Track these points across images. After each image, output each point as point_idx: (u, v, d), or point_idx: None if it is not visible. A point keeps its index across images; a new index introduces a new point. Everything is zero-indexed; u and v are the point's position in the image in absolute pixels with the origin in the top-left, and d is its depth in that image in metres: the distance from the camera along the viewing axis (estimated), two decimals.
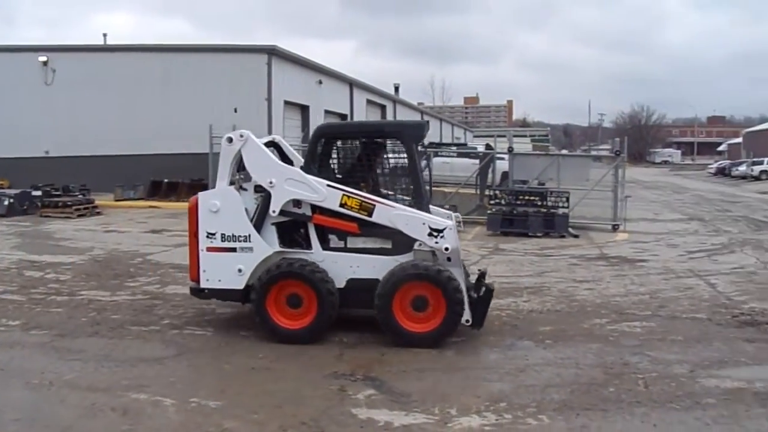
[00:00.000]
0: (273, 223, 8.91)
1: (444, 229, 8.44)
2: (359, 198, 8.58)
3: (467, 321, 8.65)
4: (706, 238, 20.17)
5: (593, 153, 40.92)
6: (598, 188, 22.51)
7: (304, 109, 35.86)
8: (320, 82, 37.44)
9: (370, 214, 8.54)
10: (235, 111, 30.42)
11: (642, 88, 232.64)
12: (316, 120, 36.53)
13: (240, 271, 8.82)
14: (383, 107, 52.43)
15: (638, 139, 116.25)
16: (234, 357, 8.18)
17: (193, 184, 29.03)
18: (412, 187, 9.01)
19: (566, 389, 7.17)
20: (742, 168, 68.21)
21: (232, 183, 9.08)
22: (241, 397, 6.89)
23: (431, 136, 59.68)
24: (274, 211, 8.77)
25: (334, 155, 9.47)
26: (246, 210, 8.95)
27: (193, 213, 9.04)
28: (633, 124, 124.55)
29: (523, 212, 20.49)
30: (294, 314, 8.68)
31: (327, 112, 38.54)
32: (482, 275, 9.70)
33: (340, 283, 8.73)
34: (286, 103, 33.12)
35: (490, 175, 25.02)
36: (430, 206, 9.21)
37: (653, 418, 6.45)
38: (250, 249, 8.81)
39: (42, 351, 8.45)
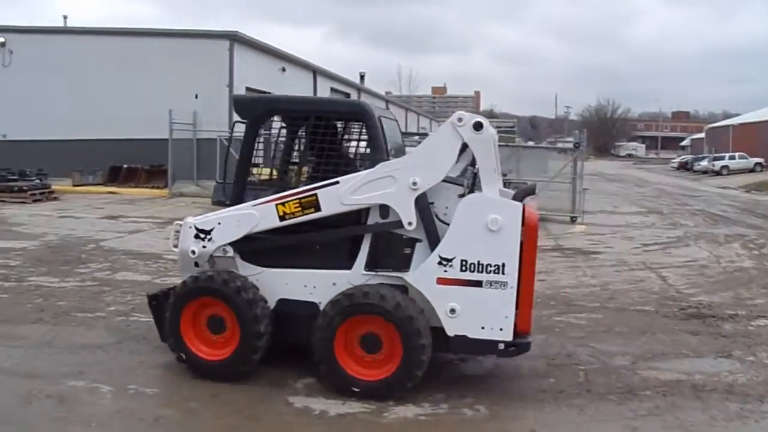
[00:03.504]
0: None
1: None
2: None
3: None
4: (662, 231, 20.39)
5: (559, 145, 41.16)
6: (558, 180, 22.63)
7: None
8: (283, 70, 37.17)
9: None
10: (196, 97, 30.12)
11: (609, 81, 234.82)
12: None
13: None
14: (348, 95, 52.21)
15: (604, 132, 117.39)
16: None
17: (153, 170, 28.84)
18: None
19: (506, 380, 7.23)
20: (704, 163, 69.09)
21: None
22: (178, 386, 6.84)
23: None
24: None
25: None
26: None
27: None
28: (599, 117, 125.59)
29: None
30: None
31: None
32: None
33: None
34: (248, 89, 32.83)
35: None
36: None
37: (590, 409, 6.52)
38: None
39: None
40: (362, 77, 63.03)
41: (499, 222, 6.36)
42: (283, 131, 7.88)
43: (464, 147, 6.79)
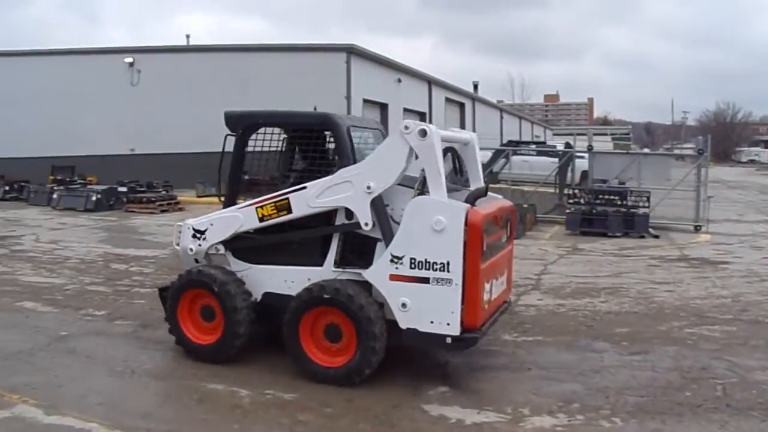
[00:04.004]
0: None
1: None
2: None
3: None
4: None
5: (676, 152, 40.06)
6: (680, 188, 21.99)
7: (383, 108, 36.00)
8: (399, 80, 37.46)
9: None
10: (315, 109, 30.59)
11: (728, 84, 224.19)
12: (395, 118, 36.65)
13: None
14: (462, 105, 52.24)
15: (723, 137, 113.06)
16: None
17: (274, 182, 29.44)
18: None
19: (641, 392, 7.09)
20: None
21: None
22: (315, 392, 7.00)
23: (511, 134, 59.29)
24: None
25: None
26: None
27: None
28: (718, 122, 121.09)
29: (602, 212, 20.22)
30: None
31: (406, 110, 38.55)
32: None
33: None
34: (365, 101, 33.30)
35: (569, 174, 24.76)
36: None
37: (731, 425, 6.32)
38: None
39: (125, 340, 8.81)
40: (476, 87, 62.83)
41: (443, 223, 6.74)
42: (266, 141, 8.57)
43: (444, 154, 7.43)
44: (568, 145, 26.96)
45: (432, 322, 6.85)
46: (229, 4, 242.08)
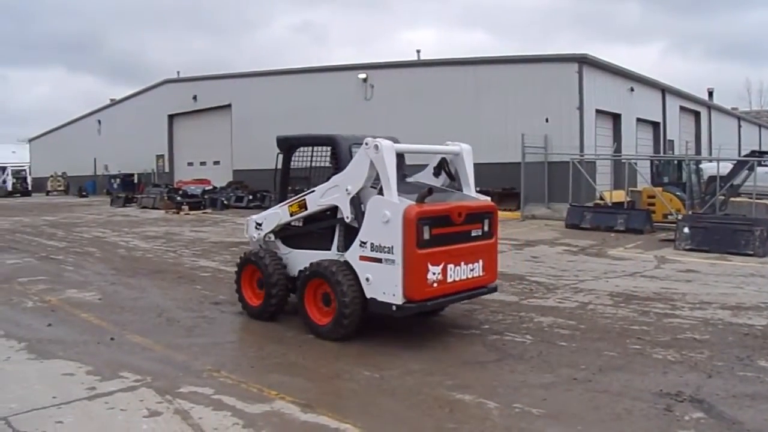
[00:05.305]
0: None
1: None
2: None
3: None
4: None
5: None
6: None
7: (615, 118, 34.81)
8: (632, 90, 36.05)
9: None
10: (547, 121, 30.37)
11: None
12: (628, 129, 35.42)
13: None
14: (697, 114, 49.55)
15: None
16: (556, 367, 8.15)
17: (505, 193, 29.44)
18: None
19: None
20: None
21: None
22: (564, 407, 6.83)
23: (750, 143, 55.31)
24: None
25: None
26: None
27: None
28: None
29: None
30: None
31: (639, 120, 37.09)
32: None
33: None
34: (598, 111, 32.42)
35: None
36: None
37: None
38: None
39: (375, 347, 8.96)
40: (710, 94, 59.36)
41: (388, 216, 8.63)
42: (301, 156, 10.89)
43: (440, 163, 10.31)
44: None
45: (384, 293, 8.73)
46: (453, 19, 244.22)
